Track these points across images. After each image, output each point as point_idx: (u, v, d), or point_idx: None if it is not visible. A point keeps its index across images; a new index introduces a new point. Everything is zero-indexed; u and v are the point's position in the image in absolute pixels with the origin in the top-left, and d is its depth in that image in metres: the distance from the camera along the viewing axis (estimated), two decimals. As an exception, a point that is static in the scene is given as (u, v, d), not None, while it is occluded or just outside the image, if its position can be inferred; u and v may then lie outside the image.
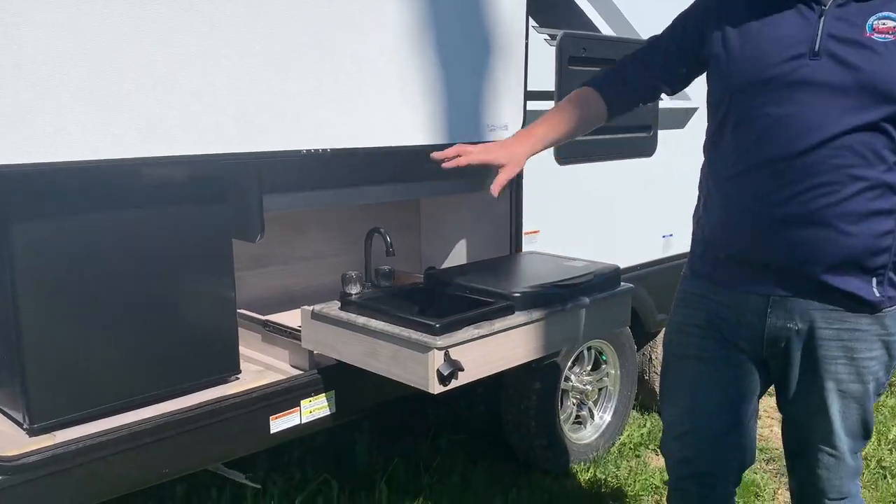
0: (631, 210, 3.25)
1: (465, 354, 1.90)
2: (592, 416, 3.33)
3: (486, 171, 1.91)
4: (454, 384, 1.88)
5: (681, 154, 3.36)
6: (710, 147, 1.76)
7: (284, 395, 2.14)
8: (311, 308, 2.18)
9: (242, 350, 2.42)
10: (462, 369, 1.87)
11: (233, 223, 2.18)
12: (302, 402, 2.19)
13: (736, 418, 1.76)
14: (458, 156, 1.77)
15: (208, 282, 2.06)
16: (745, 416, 1.77)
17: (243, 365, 2.24)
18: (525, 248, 2.79)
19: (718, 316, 1.72)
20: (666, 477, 2.10)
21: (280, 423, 2.14)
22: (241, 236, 2.29)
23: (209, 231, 2.05)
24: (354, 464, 3.05)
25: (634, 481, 3.09)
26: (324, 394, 2.23)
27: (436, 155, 1.77)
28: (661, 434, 1.95)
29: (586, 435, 3.29)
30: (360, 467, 3.02)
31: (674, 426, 1.85)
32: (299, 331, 2.27)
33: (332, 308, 2.13)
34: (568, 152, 2.86)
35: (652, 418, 3.64)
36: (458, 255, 3.08)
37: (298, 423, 2.19)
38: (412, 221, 3.21)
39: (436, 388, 1.86)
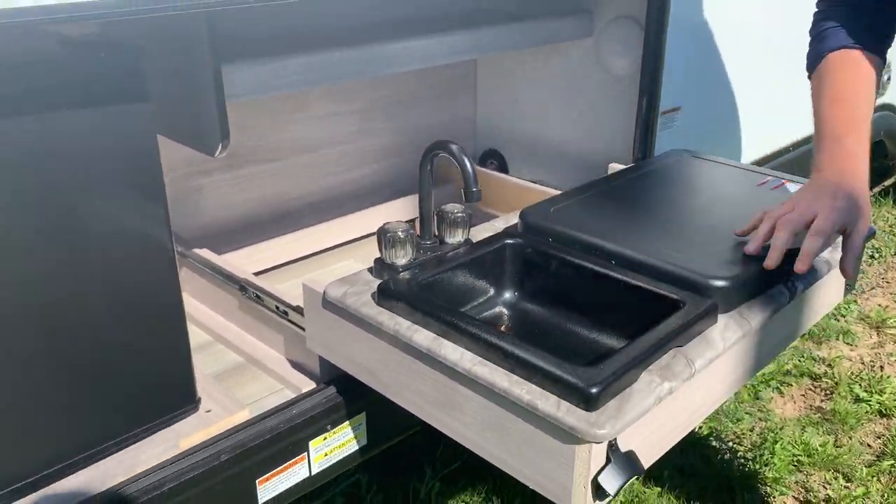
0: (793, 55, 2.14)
1: (642, 429, 0.94)
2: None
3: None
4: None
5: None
6: None
7: (281, 441, 1.21)
8: (321, 288, 1.18)
9: (203, 319, 1.47)
10: (640, 471, 0.92)
11: (172, 126, 1.14)
12: (312, 443, 1.26)
13: None
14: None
15: (119, 244, 1.05)
16: None
17: (204, 357, 1.30)
18: (660, 135, 1.74)
19: None
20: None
21: (274, 486, 1.23)
22: (193, 144, 1.25)
23: (117, 149, 1.01)
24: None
25: (763, 447, 2.26)
26: (348, 423, 1.30)
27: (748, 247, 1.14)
28: None
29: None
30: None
31: None
32: (298, 309, 1.29)
33: (362, 296, 1.13)
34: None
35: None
36: (536, 141, 2.02)
37: (307, 476, 1.27)
38: (462, 83, 2.12)
39: (585, 508, 0.92)
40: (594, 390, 0.87)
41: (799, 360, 2.68)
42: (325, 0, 1.61)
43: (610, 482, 0.88)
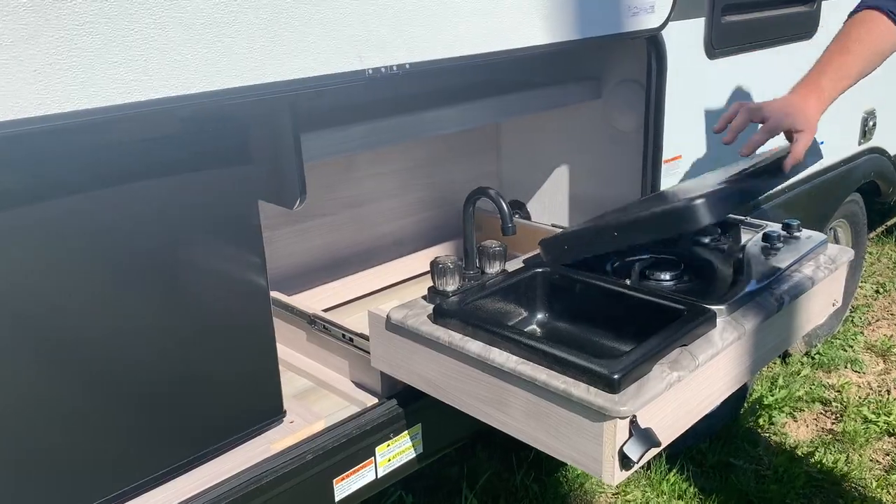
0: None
1: (658, 412, 1.16)
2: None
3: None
4: (641, 465, 1.15)
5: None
6: None
7: (353, 445, 1.42)
8: (384, 313, 1.42)
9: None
10: (658, 444, 1.13)
11: (261, 187, 1.40)
12: (377, 448, 1.47)
13: None
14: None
15: (226, 284, 1.30)
16: None
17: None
18: (664, 182, 1.99)
19: None
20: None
21: (347, 486, 1.44)
22: (274, 200, 1.50)
23: (225, 207, 1.26)
24: None
25: (779, 466, 2.43)
26: (406, 432, 1.51)
27: (719, 127, 1.57)
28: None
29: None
30: None
31: None
32: (362, 336, 1.52)
33: (419, 317, 1.37)
34: (725, 39, 2.00)
35: (781, 367, 2.94)
36: (554, 191, 2.27)
37: (374, 479, 1.48)
38: (487, 142, 2.39)
39: (614, 476, 1.13)
40: (616, 376, 1.10)
41: (810, 388, 2.86)
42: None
43: (633, 451, 1.09)
